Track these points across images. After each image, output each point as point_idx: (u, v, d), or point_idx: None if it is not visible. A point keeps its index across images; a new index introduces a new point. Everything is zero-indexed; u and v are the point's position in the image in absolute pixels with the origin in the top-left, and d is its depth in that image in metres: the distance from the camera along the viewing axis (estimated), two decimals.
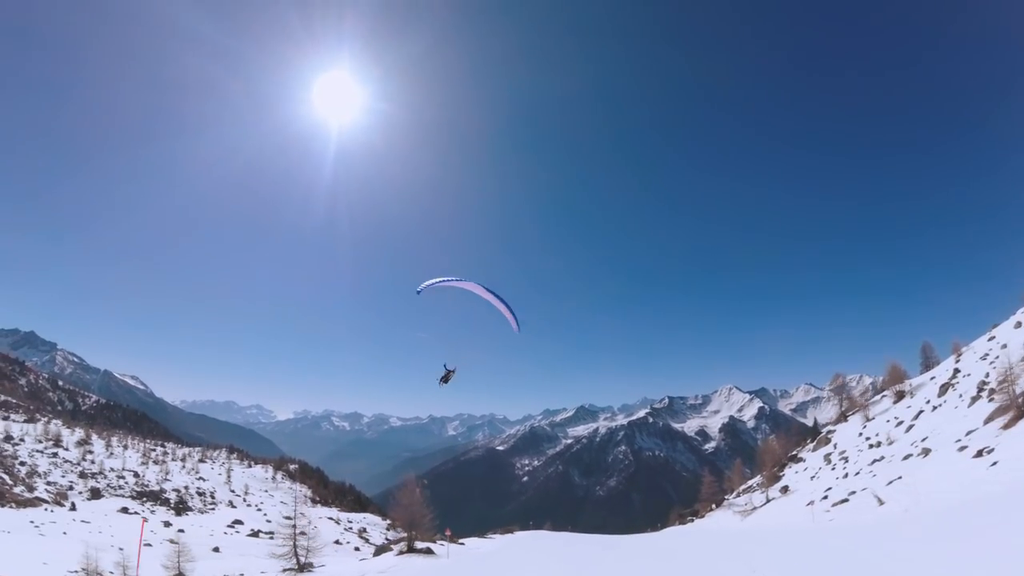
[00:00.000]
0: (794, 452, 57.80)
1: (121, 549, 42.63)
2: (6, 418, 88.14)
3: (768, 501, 45.72)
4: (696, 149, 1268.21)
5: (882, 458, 38.25)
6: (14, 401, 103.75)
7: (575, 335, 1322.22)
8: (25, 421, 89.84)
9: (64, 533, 45.23)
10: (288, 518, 32.44)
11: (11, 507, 54.17)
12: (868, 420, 51.15)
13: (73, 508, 60.50)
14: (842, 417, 58.29)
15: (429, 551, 29.24)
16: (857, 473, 38.44)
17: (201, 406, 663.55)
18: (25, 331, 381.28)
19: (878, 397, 58.34)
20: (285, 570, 30.00)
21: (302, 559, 30.50)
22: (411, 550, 29.30)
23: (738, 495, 54.59)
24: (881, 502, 27.28)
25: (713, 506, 54.18)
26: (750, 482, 56.73)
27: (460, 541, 37.04)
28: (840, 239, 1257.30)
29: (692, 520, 54.17)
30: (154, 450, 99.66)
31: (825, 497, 35.83)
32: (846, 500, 32.24)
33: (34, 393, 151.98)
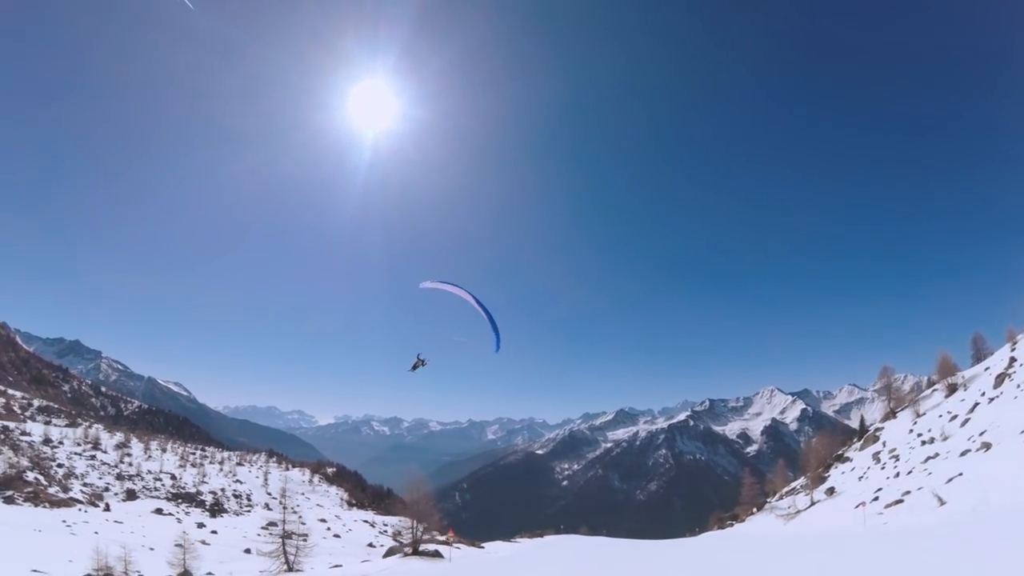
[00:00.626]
0: (840, 452, 54.02)
1: (152, 549, 42.21)
2: (48, 422, 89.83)
3: (813, 504, 42.47)
4: (733, 138, 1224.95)
5: (936, 455, 34.88)
6: (56, 406, 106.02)
7: (614, 337, 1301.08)
8: (67, 425, 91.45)
9: (96, 533, 44.97)
10: (322, 521, 30.97)
11: (45, 507, 54.42)
12: (919, 416, 47.37)
13: (107, 509, 60.63)
14: (891, 414, 54.33)
15: (437, 554, 27.36)
16: (910, 472, 35.10)
17: (243, 411, 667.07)
18: (70, 340, 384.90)
19: (928, 391, 54.23)
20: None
21: (291, 558, 28.93)
22: (416, 553, 27.46)
23: (780, 498, 51.22)
24: (942, 502, 24.28)
25: (754, 510, 50.94)
26: (794, 484, 53.25)
27: (480, 544, 35.12)
28: (881, 230, 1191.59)
29: (731, 524, 51.00)
30: (193, 453, 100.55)
31: (876, 498, 32.72)
32: (900, 501, 29.18)
33: (77, 399, 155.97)
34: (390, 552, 31.08)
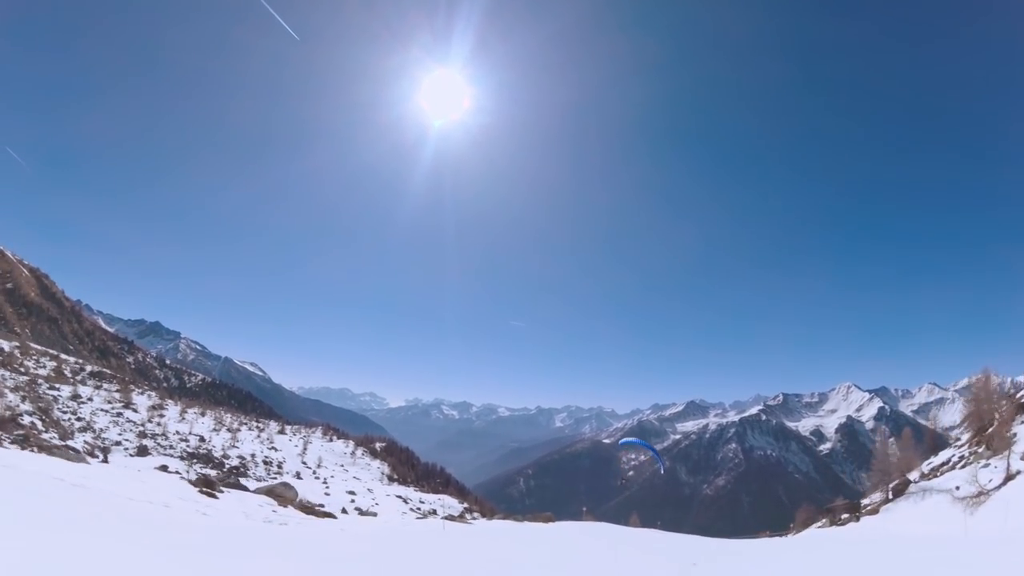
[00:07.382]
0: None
1: (130, 499, 30.98)
2: (99, 387, 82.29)
3: (1009, 478, 24.60)
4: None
5: None
6: (109, 372, 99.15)
7: (687, 328, 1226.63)
8: (117, 391, 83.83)
9: (60, 480, 33.76)
10: (350, 492, 17.82)
11: (32, 451, 44.71)
12: None
13: (105, 461, 50.55)
14: None
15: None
16: None
17: (317, 392, 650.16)
18: (150, 321, 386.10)
19: None
20: None
21: None
22: None
23: (926, 476, 32.93)
24: None
25: (890, 495, 32.50)
26: (943, 454, 34.69)
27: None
28: (969, 218, 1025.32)
29: (857, 519, 32.74)
30: (245, 422, 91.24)
31: None
32: None
33: (141, 371, 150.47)
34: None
